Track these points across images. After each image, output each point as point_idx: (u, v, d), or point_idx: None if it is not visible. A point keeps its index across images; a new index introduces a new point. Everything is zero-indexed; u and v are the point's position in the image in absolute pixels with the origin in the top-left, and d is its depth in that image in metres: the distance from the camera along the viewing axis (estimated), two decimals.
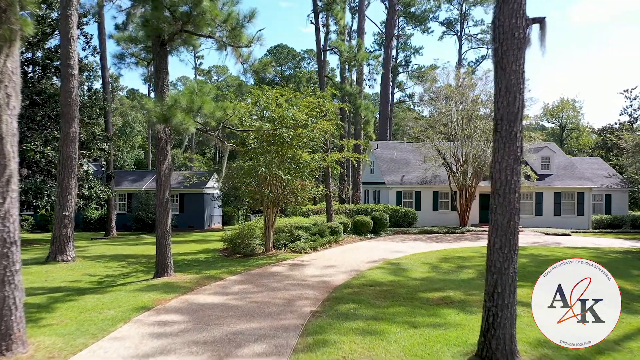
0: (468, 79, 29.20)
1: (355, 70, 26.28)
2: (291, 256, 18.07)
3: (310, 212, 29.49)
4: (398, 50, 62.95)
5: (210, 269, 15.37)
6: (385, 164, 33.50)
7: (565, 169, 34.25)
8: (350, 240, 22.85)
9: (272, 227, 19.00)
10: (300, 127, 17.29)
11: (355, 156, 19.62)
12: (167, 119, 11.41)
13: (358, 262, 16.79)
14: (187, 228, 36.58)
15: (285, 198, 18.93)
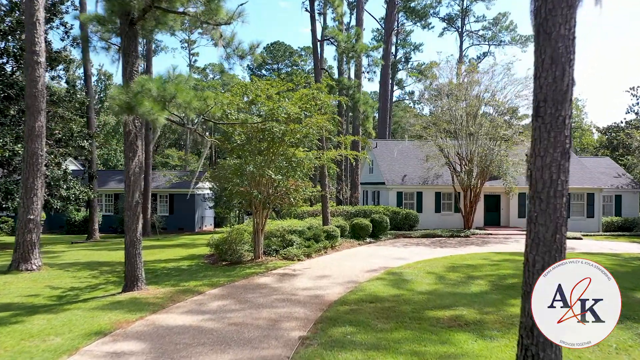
0: (474, 72, 27.51)
1: (354, 62, 24.62)
2: (282, 264, 16.37)
3: (306, 214, 27.77)
4: (397, 47, 61.28)
5: (190, 280, 13.66)
6: (385, 163, 31.81)
7: (573, 168, 32.56)
8: (348, 246, 21.16)
9: (262, 231, 17.31)
10: (292, 122, 15.60)
11: (353, 154, 17.93)
12: (131, 107, 9.72)
13: (356, 271, 15.09)
14: (176, 230, 34.88)
15: (276, 200, 17.24)
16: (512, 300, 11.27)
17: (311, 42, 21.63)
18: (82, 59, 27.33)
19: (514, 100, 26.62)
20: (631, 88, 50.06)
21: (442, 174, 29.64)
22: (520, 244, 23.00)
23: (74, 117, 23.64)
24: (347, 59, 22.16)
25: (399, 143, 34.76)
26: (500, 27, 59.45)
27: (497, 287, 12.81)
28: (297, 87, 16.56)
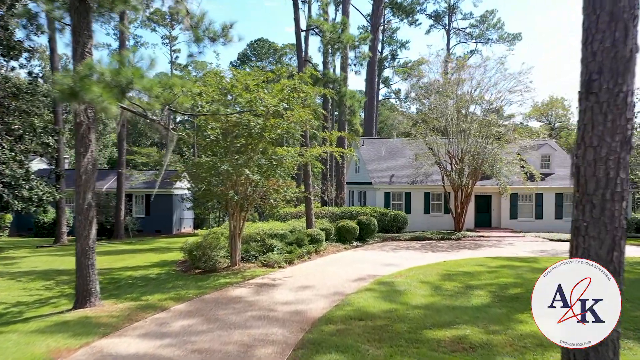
0: (465, 68, 26.26)
1: (340, 54, 23.24)
2: (261, 272, 14.86)
3: (289, 215, 26.24)
4: (384, 44, 59.97)
5: (155, 292, 12.10)
6: (372, 162, 30.44)
7: (566, 168, 31.57)
8: (334, 250, 19.71)
9: (240, 236, 15.78)
10: (272, 116, 14.10)
11: (339, 151, 16.48)
12: (76, 93, 8.15)
13: (342, 280, 13.65)
14: (153, 233, 33.11)
15: (255, 201, 15.73)
16: (520, 315, 9.95)
17: (294, 31, 20.17)
18: (49, 50, 25.45)
19: (507, 96, 25.45)
20: None
21: (431, 173, 28.36)
22: (515, 247, 21.81)
23: (37, 111, 21.82)
24: (333, 50, 20.69)
25: (386, 141, 33.41)
26: (487, 25, 58.57)
27: (500, 298, 11.48)
28: (278, 78, 15.05)
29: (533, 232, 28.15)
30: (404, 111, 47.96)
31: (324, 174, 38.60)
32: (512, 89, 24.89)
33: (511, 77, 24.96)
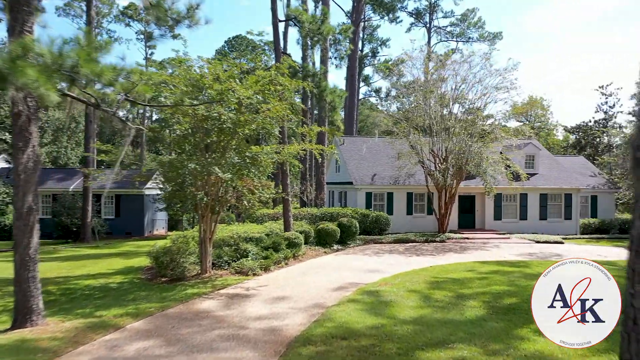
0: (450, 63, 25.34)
1: (320, 47, 22.08)
2: (234, 280, 13.60)
3: (266, 217, 24.98)
4: (364, 42, 59.02)
5: (112, 306, 10.74)
6: (353, 162, 29.35)
7: (550, 168, 30.97)
8: (313, 254, 18.53)
9: (211, 240, 14.50)
10: (246, 110, 12.86)
11: (319, 148, 15.27)
12: (5, 77, 6.82)
13: (322, 290, 12.48)
14: (123, 235, 31.45)
15: (227, 203, 14.45)
16: (520, 331, 8.93)
17: (271, 22, 18.91)
18: None
19: (493, 93, 24.61)
20: (600, 86, 49.41)
21: (414, 172, 27.40)
22: (502, 250, 20.95)
23: None
24: (312, 43, 19.50)
25: (368, 140, 32.34)
26: (468, 24, 58.08)
27: (495, 310, 10.45)
28: (253, 69, 13.81)
29: (517, 233, 27.42)
30: (385, 110, 47.01)
31: (303, 173, 37.39)
32: (499, 86, 24.08)
33: (497, 73, 24.15)
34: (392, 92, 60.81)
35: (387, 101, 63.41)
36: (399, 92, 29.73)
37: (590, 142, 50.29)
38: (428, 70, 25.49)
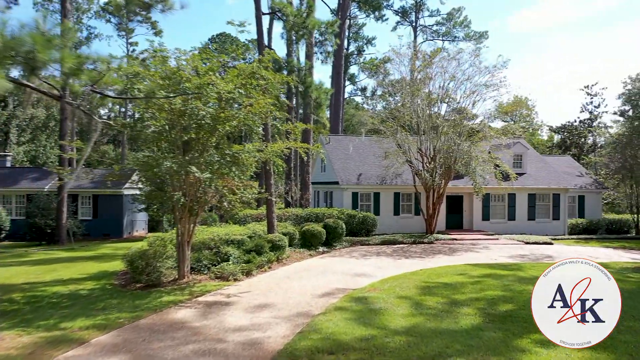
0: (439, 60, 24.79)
1: (305, 42, 21.34)
2: (213, 286, 12.79)
3: (249, 218, 24.13)
4: (349, 40, 58.42)
5: (79, 317, 9.87)
6: (339, 161, 28.65)
7: (538, 167, 30.62)
8: (298, 257, 17.77)
9: (189, 244, 13.66)
10: (225, 104, 12.06)
11: (304, 147, 14.48)
12: None
13: (307, 296, 11.74)
14: (101, 237, 30.30)
15: (207, 204, 13.62)
16: (519, 341, 8.31)
17: (254, 15, 18.10)
18: None
19: (482, 91, 24.12)
20: (585, 86, 49.48)
21: (401, 172, 26.79)
22: (492, 252, 20.42)
23: None
24: (297, 37, 18.73)
25: (354, 139, 31.62)
26: (454, 23, 57.87)
27: (491, 318, 9.82)
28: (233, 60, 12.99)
29: (506, 234, 27.00)
30: (371, 109, 46.41)
31: (288, 173, 36.58)
32: (488, 83, 23.61)
33: (486, 70, 23.65)
34: (377, 90, 60.44)
35: (373, 100, 62.90)
36: (386, 90, 29.11)
37: (576, 142, 50.33)
38: (415, 67, 24.89)
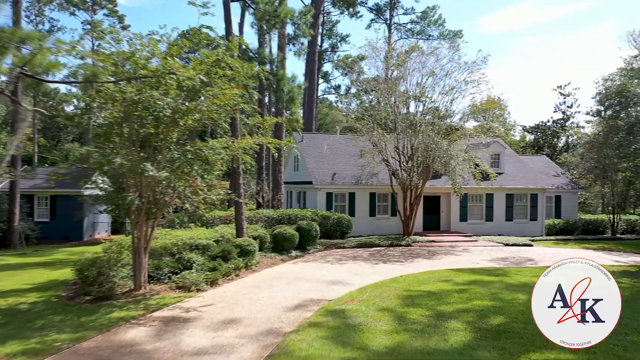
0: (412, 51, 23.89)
1: (277, 32, 20.04)
2: (173, 299, 11.44)
3: (218, 220, 22.70)
4: (323, 37, 57.31)
5: (8, 340, 8.42)
6: (313, 160, 27.46)
7: (515, 167, 30.06)
8: (269, 263, 16.52)
9: (147, 250, 12.27)
10: (187, 94, 10.75)
11: (275, 142, 13.18)
12: None
13: (278, 309, 10.52)
14: (60, 240, 28.40)
15: (167, 206, 12.26)
16: None
17: (222, 2, 16.76)
18: None
19: (462, 87, 23.29)
20: (558, 86, 49.55)
21: (378, 172, 25.79)
22: (473, 255, 19.58)
23: None
24: (268, 26, 17.45)
25: (328, 137, 30.48)
26: (428, 22, 57.37)
27: (482, 333, 8.79)
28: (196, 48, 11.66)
29: (484, 235, 26.32)
30: (345, 107, 45.34)
31: (259, 172, 35.19)
32: (467, 79, 22.81)
33: (466, 66, 22.83)
34: (352, 89, 59.47)
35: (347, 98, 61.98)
36: (361, 89, 28.10)
37: (549, 141, 50.38)
38: (392, 62, 23.91)
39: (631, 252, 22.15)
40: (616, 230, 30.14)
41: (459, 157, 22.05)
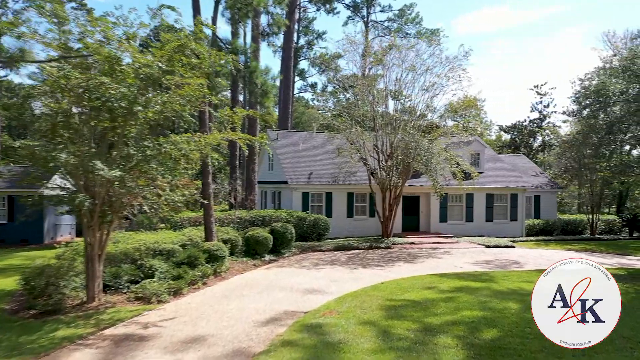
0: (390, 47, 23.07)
1: (250, 22, 18.84)
2: (130, 312, 10.20)
3: (187, 222, 21.38)
4: (299, 34, 56.20)
5: None
6: (288, 159, 26.32)
7: (495, 166, 29.50)
8: (240, 269, 15.34)
9: (101, 257, 10.99)
10: (146, 83, 9.55)
11: (247, 138, 11.99)
12: None
13: (248, 324, 9.39)
14: (19, 243, 26.64)
15: (123, 207, 11.00)
16: None
17: None
18: None
19: (443, 83, 22.51)
20: (535, 86, 49.46)
21: (356, 171, 24.82)
22: (455, 258, 18.76)
23: None
24: (240, 14, 16.27)
25: (304, 134, 29.39)
26: (405, 20, 56.80)
27: (477, 351, 7.86)
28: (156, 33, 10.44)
29: (464, 236, 25.59)
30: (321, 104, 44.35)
31: (233, 171, 33.85)
32: (448, 74, 22.03)
33: (447, 61, 22.05)
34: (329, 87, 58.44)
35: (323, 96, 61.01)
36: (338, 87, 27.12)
37: (526, 141, 50.29)
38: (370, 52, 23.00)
39: (614, 254, 21.70)
40: (595, 230, 29.88)
41: (440, 155, 21.25)
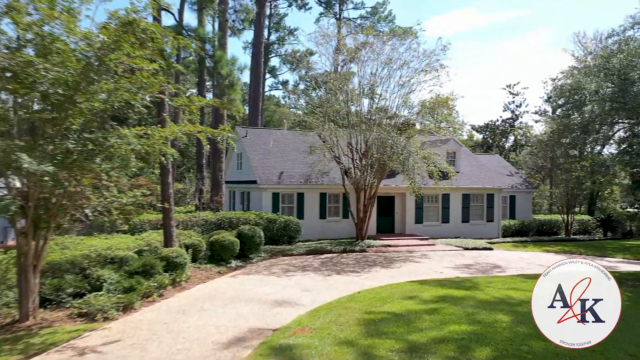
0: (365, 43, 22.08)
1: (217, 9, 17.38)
2: (67, 333, 8.73)
3: (147, 224, 19.80)
4: (270, 30, 54.78)
5: None
6: (258, 157, 24.96)
7: (471, 166, 28.81)
8: (202, 277, 13.94)
9: (37, 268, 9.48)
10: (85, 65, 8.15)
11: (208, 132, 10.56)
12: None
13: (207, 348, 8.07)
14: None
15: (63, 211, 9.51)
16: None
17: None
18: None
19: (420, 78, 21.58)
20: (508, 85, 49.32)
21: (329, 170, 23.67)
22: (433, 261, 17.78)
23: None
24: (205, 2, 14.86)
25: (275, 132, 28.08)
26: (378, 17, 56.01)
27: None
28: None
29: (440, 237, 24.74)
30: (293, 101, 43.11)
31: (200, 170, 32.24)
32: (426, 69, 21.14)
33: (424, 55, 21.15)
34: (300, 85, 57.20)
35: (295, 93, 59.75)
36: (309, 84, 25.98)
37: (498, 141, 50.14)
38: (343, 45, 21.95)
39: (593, 255, 21.16)
40: (570, 230, 29.54)
41: (417, 154, 20.30)
